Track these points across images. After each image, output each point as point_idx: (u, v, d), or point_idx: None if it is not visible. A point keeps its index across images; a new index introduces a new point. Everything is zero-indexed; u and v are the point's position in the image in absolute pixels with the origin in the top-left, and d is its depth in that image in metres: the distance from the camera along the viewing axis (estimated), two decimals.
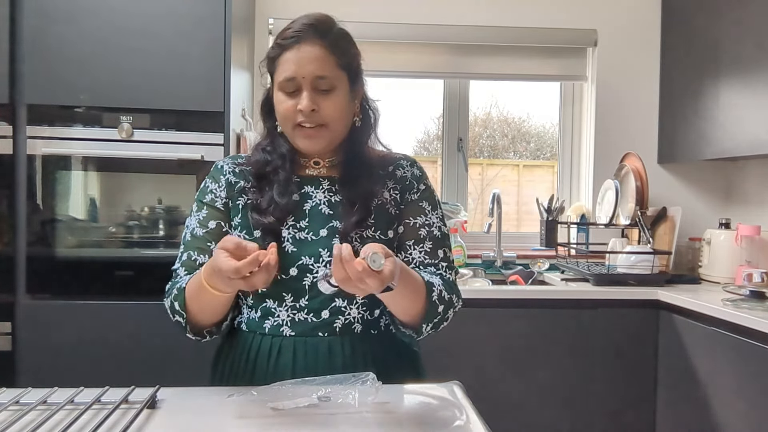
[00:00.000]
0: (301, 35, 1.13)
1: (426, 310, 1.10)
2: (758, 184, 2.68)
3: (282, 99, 1.16)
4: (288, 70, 1.13)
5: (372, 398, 0.97)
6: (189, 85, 2.06)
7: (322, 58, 1.13)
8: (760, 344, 1.80)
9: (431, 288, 1.11)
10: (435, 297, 1.11)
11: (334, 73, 1.15)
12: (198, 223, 1.20)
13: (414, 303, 1.10)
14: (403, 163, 1.26)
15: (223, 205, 1.21)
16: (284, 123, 1.18)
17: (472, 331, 2.22)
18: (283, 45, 1.15)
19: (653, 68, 2.86)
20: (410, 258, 1.20)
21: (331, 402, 0.97)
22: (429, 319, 1.12)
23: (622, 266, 2.48)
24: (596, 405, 2.29)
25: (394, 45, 2.82)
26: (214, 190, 1.22)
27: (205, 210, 1.21)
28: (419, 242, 1.21)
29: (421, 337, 1.16)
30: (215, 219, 1.20)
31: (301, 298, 1.16)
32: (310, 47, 1.13)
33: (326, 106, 1.14)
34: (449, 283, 1.19)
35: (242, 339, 1.19)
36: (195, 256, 1.18)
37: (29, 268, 2.04)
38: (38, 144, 2.03)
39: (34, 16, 2.01)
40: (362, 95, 1.25)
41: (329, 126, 1.16)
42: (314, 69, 1.13)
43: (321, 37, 1.14)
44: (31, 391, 1.00)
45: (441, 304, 1.12)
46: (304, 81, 1.13)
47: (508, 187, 3.23)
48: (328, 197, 1.20)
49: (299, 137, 1.17)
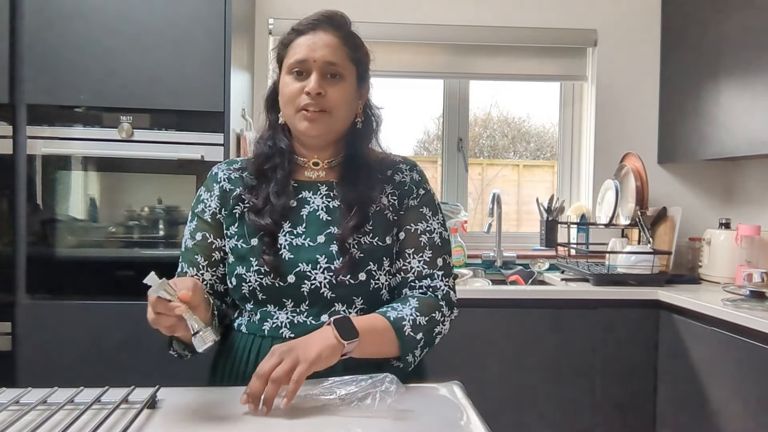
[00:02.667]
0: (317, 23, 1.17)
1: (402, 346, 1.11)
2: (758, 184, 2.68)
3: (289, 81, 1.17)
4: (300, 52, 1.15)
5: (391, 401, 0.97)
6: (189, 85, 2.06)
7: (335, 46, 1.16)
8: (760, 344, 1.80)
9: (401, 326, 1.11)
10: (408, 331, 1.11)
11: (344, 62, 1.17)
12: (189, 234, 1.23)
13: (385, 347, 1.11)
14: (402, 167, 1.26)
15: (211, 216, 1.21)
16: (287, 106, 1.18)
17: (472, 331, 2.22)
18: (299, 30, 1.18)
19: (653, 68, 2.86)
20: (408, 267, 1.20)
21: (347, 401, 0.97)
22: (409, 350, 1.12)
23: (622, 266, 2.48)
24: (596, 405, 2.29)
25: (394, 45, 2.82)
26: (205, 200, 1.23)
27: (195, 221, 1.23)
28: (419, 251, 1.20)
29: (413, 364, 1.15)
30: (201, 231, 1.21)
31: (301, 304, 1.16)
32: (325, 34, 1.17)
33: (333, 92, 1.15)
34: (433, 299, 1.18)
35: (242, 341, 1.19)
36: (186, 269, 1.21)
37: (29, 268, 2.04)
38: (38, 144, 2.03)
39: (34, 16, 2.01)
40: (366, 99, 1.25)
41: (332, 113, 1.16)
42: (326, 54, 1.15)
43: (336, 29, 1.18)
44: (31, 391, 1.00)
45: (418, 332, 1.12)
46: (315, 65, 1.15)
47: (508, 187, 3.23)
48: (326, 203, 1.20)
49: (300, 119, 1.16)
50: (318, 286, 1.14)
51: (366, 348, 1.07)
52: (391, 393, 0.98)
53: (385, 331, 1.10)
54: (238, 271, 1.17)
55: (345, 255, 1.14)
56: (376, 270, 1.17)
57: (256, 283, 1.15)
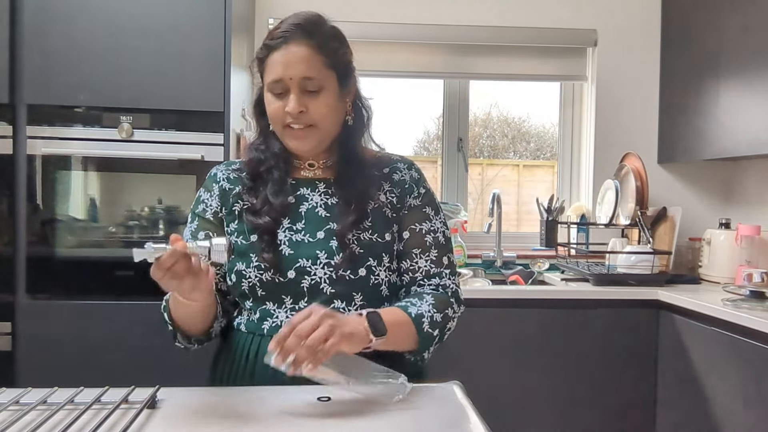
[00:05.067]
0: (288, 35, 1.13)
1: (420, 342, 1.13)
2: (758, 184, 2.68)
3: (271, 100, 1.16)
4: (275, 72, 1.13)
5: (399, 397, 1.00)
6: (189, 85, 2.06)
7: (308, 59, 1.12)
8: (760, 344, 1.80)
9: (420, 322, 1.13)
10: (426, 328, 1.13)
11: (321, 73, 1.14)
12: (190, 234, 1.22)
13: (405, 341, 1.12)
14: (399, 165, 1.26)
15: (213, 215, 1.22)
16: (274, 124, 1.18)
17: (472, 331, 2.22)
18: (271, 46, 1.14)
19: (653, 68, 2.86)
20: (416, 267, 1.21)
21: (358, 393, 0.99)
22: (426, 346, 1.15)
23: (622, 266, 2.48)
24: (596, 405, 2.29)
25: (394, 45, 2.82)
26: (205, 200, 1.23)
27: (196, 221, 1.23)
28: (426, 251, 1.21)
29: (424, 360, 1.19)
30: (204, 230, 1.21)
31: (300, 300, 1.16)
32: (297, 48, 1.12)
33: (315, 107, 1.14)
34: (445, 296, 1.20)
35: (241, 340, 1.19)
36: None
37: (29, 268, 2.04)
38: (38, 144, 2.03)
39: (34, 16, 2.01)
40: (354, 93, 1.23)
41: (318, 126, 1.16)
42: (301, 70, 1.12)
43: (308, 37, 1.13)
44: (31, 391, 1.00)
45: (435, 329, 1.15)
46: (291, 82, 1.12)
47: (508, 187, 3.23)
48: (325, 200, 1.20)
49: (289, 138, 1.17)
50: (318, 282, 1.15)
51: (389, 343, 1.07)
52: (403, 390, 1.00)
53: (407, 327, 1.12)
54: (238, 267, 1.17)
55: (345, 250, 1.15)
56: (375, 266, 1.17)
57: (256, 279, 1.15)
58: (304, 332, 0.96)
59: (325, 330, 0.97)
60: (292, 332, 0.96)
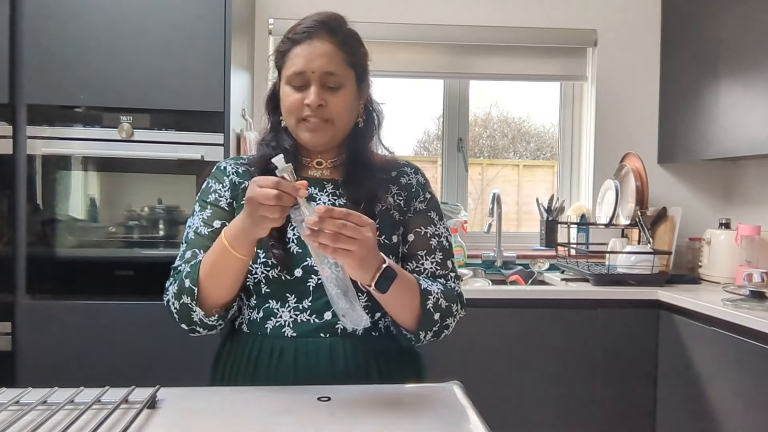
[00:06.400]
0: (312, 31, 1.15)
1: (420, 317, 1.11)
2: (758, 184, 2.68)
3: (289, 92, 1.16)
4: (297, 64, 1.14)
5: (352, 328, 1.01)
6: (189, 85, 2.06)
7: (332, 54, 1.14)
8: (760, 344, 1.80)
9: (426, 296, 1.11)
10: (430, 305, 1.11)
11: (342, 70, 1.15)
12: (202, 222, 1.19)
13: (409, 303, 1.10)
14: (406, 170, 1.27)
15: (228, 205, 1.20)
16: (289, 116, 1.17)
17: (472, 331, 2.22)
18: (295, 39, 1.16)
19: (653, 68, 2.86)
20: (422, 268, 1.21)
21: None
22: (425, 327, 1.12)
23: (622, 266, 2.48)
24: (596, 405, 2.29)
25: (394, 45, 2.82)
26: (218, 190, 1.22)
27: (209, 209, 1.20)
28: (431, 253, 1.21)
29: (420, 344, 1.17)
30: (220, 219, 1.19)
31: (304, 300, 1.15)
32: (321, 43, 1.14)
33: (334, 102, 1.15)
34: (453, 293, 1.19)
35: (243, 340, 1.19)
36: (200, 255, 1.15)
37: (29, 268, 2.04)
38: (38, 144, 2.03)
39: (34, 16, 2.01)
40: (367, 97, 1.25)
41: (334, 122, 1.16)
42: (324, 64, 1.13)
43: (332, 34, 1.15)
44: (31, 391, 1.00)
45: (437, 312, 1.12)
46: (313, 76, 1.13)
47: (508, 187, 3.23)
48: (333, 200, 1.20)
49: (303, 130, 1.17)
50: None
51: (390, 296, 1.05)
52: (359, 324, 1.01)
53: (413, 292, 1.10)
54: None
55: None
56: None
57: (262, 276, 1.15)
58: (344, 215, 0.96)
59: (361, 233, 0.96)
60: (339, 211, 0.96)
